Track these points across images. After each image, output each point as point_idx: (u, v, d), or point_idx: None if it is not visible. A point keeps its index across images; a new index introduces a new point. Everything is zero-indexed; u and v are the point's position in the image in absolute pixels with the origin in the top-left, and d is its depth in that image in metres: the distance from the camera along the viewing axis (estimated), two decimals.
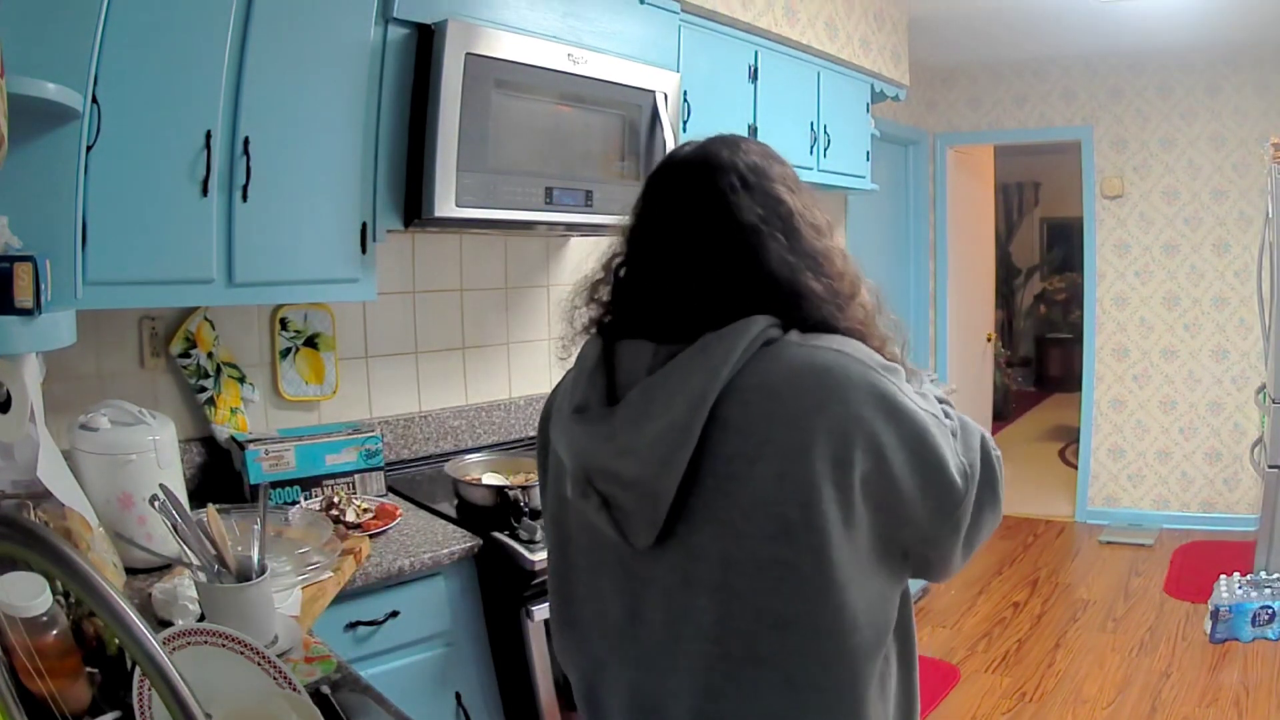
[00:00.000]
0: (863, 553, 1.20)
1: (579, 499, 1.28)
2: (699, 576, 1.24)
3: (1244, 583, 4.39)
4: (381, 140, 2.41)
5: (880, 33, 4.77)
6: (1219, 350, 5.98)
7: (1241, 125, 5.76)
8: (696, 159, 1.34)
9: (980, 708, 3.78)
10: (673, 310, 1.27)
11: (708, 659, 1.25)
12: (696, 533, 1.22)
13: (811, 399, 1.17)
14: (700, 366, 1.19)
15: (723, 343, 1.19)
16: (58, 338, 1.59)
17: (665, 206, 1.32)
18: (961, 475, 1.22)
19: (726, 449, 1.19)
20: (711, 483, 1.20)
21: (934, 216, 6.76)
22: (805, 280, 1.27)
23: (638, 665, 1.33)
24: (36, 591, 1.29)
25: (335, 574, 2.01)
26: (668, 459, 1.19)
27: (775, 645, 1.22)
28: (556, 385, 1.44)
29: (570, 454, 1.29)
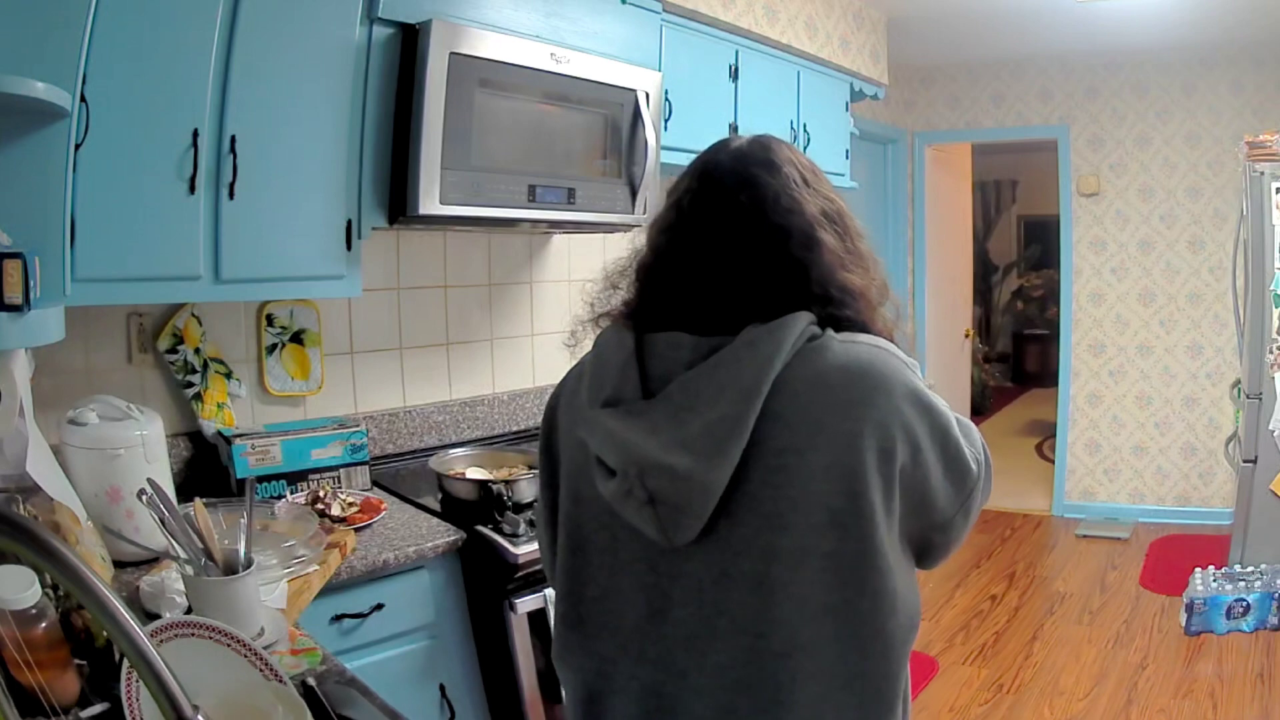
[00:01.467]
0: (897, 540, 1.24)
1: (620, 497, 1.24)
2: (740, 570, 1.23)
3: (1219, 576, 4.43)
4: (367, 138, 2.42)
5: (859, 32, 4.80)
6: (1194, 346, 6.04)
7: (1216, 124, 5.82)
8: (756, 152, 1.35)
9: (958, 699, 3.82)
10: (718, 303, 1.26)
11: (745, 653, 1.24)
12: (740, 526, 1.22)
13: (859, 392, 1.19)
14: (751, 359, 1.19)
15: (773, 336, 1.20)
16: (46, 333, 1.60)
17: (723, 197, 1.32)
18: (975, 464, 1.30)
19: (777, 442, 1.19)
20: (759, 475, 1.20)
21: (912, 214, 6.79)
22: (855, 279, 1.30)
23: (657, 664, 1.30)
24: (26, 585, 1.30)
25: (320, 567, 2.02)
26: (721, 451, 1.18)
27: (816, 634, 1.22)
28: (563, 382, 1.43)
29: (612, 449, 1.25)
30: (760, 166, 1.32)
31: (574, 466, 1.35)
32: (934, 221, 6.88)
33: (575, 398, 1.35)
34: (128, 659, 1.09)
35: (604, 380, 1.29)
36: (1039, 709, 3.72)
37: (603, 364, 1.31)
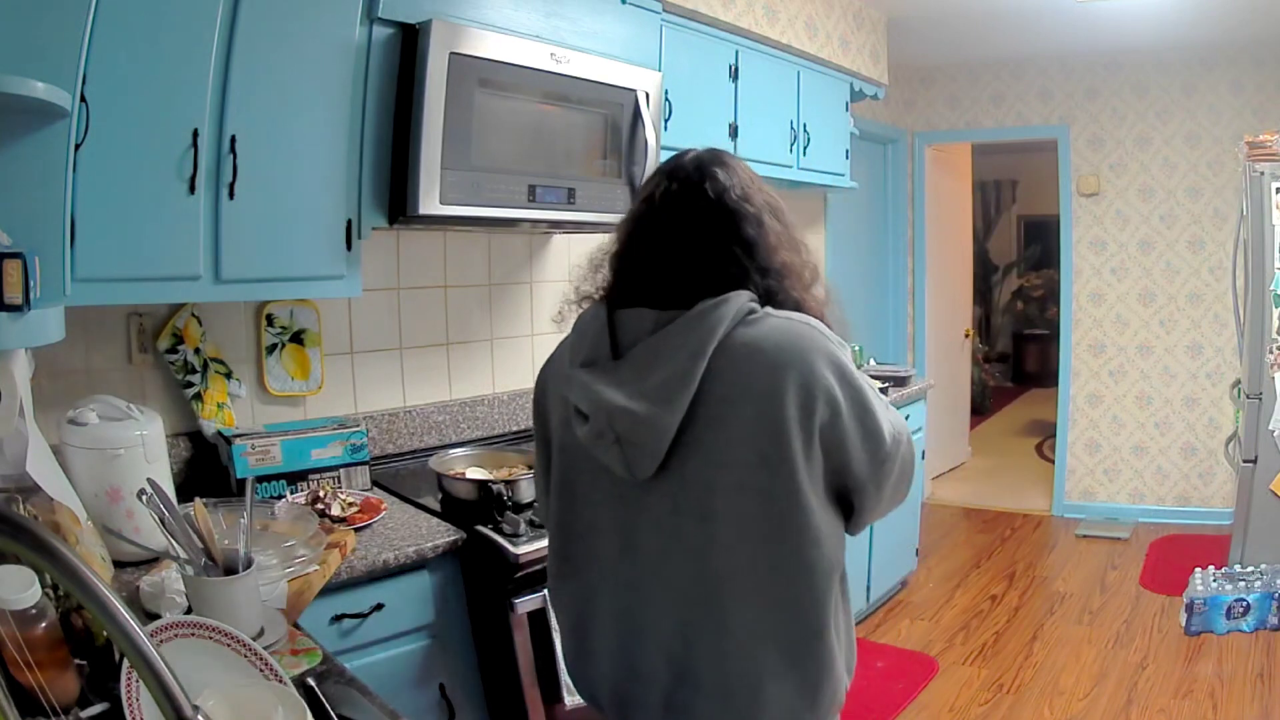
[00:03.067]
0: (821, 488, 1.49)
1: (593, 439, 1.50)
2: (688, 501, 1.50)
3: (1219, 576, 4.44)
4: (367, 138, 2.42)
5: (859, 32, 4.80)
6: (1194, 346, 6.04)
7: (1216, 124, 5.82)
8: (712, 157, 1.63)
9: (958, 699, 3.82)
10: (676, 281, 1.54)
11: (695, 576, 1.51)
12: (688, 463, 1.48)
13: (786, 356, 1.45)
14: (699, 326, 1.47)
15: (718, 309, 1.47)
16: (46, 334, 1.60)
17: (689, 188, 1.59)
18: (891, 438, 1.53)
19: (716, 394, 1.45)
20: (702, 421, 1.46)
21: (912, 214, 6.80)
22: (793, 260, 1.65)
23: (629, 588, 1.57)
24: (26, 584, 1.30)
25: (321, 567, 2.02)
26: (672, 399, 1.45)
27: (751, 559, 1.49)
28: (551, 355, 1.69)
29: (586, 399, 1.50)
30: (718, 165, 1.60)
31: (559, 420, 1.62)
32: (934, 221, 6.89)
33: (560, 364, 1.62)
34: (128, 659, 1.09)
35: (581, 347, 1.57)
36: (1039, 709, 3.72)
37: (581, 335, 1.59)
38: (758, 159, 3.99)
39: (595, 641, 1.65)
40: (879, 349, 6.36)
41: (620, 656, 1.62)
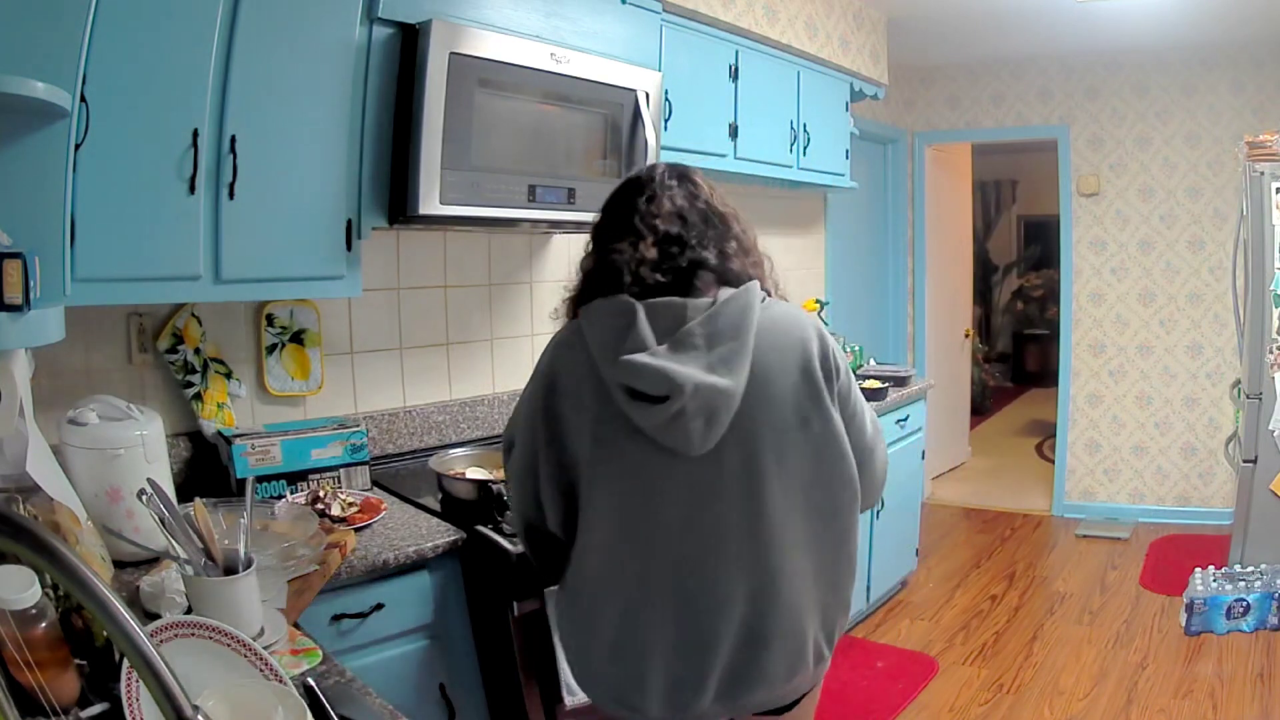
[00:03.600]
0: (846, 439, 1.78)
1: (668, 420, 1.62)
2: (741, 469, 1.70)
3: (1219, 576, 4.44)
4: (366, 138, 2.43)
5: (859, 32, 4.80)
6: (1194, 346, 6.04)
7: (1216, 124, 5.82)
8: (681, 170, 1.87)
9: (958, 699, 3.82)
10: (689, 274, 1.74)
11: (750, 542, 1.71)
12: (737, 432, 1.68)
13: (804, 335, 1.75)
14: (740, 309, 1.69)
15: (748, 294, 1.72)
16: (46, 334, 1.61)
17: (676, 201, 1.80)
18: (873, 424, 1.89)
19: (758, 367, 1.68)
20: (748, 390, 1.66)
21: (912, 214, 6.80)
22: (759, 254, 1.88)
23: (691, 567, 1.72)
24: (26, 584, 1.30)
25: (320, 567, 2.02)
26: (738, 371, 1.65)
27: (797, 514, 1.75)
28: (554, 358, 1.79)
29: (662, 380, 1.61)
30: (692, 175, 1.87)
31: (591, 417, 1.71)
32: (934, 221, 6.89)
33: (577, 364, 1.73)
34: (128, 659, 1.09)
35: (619, 336, 1.67)
36: (1039, 709, 3.72)
37: (613, 325, 1.69)
38: (758, 159, 4.00)
39: (647, 633, 1.75)
40: (879, 349, 6.36)
41: (680, 640, 1.74)
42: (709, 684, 1.76)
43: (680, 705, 1.78)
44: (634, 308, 1.68)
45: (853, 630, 4.46)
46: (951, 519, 6.40)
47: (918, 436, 4.88)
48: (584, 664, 1.85)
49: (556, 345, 1.80)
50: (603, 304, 1.73)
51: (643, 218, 1.78)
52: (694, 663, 1.75)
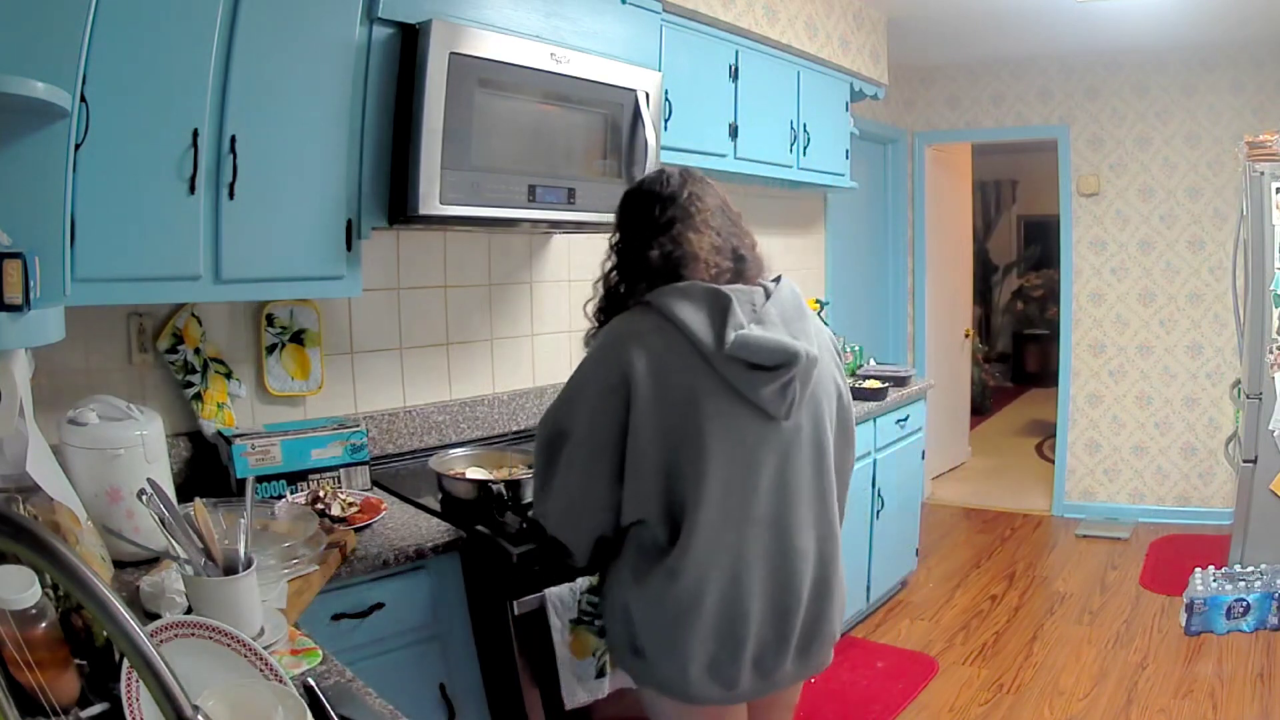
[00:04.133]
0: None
1: (780, 388, 1.82)
2: (812, 434, 1.93)
3: (1219, 576, 4.44)
4: (366, 138, 2.43)
5: (859, 32, 4.80)
6: (1194, 346, 6.05)
7: (1216, 124, 5.82)
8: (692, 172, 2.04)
9: (958, 699, 3.82)
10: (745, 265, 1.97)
11: (817, 501, 1.95)
12: (816, 394, 1.94)
13: (818, 319, 2.06)
14: (794, 292, 1.98)
15: (789, 281, 2.00)
16: (46, 334, 1.60)
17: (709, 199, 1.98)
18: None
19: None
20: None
21: (912, 214, 6.80)
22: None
23: (778, 527, 1.89)
24: (26, 584, 1.30)
25: (321, 567, 2.02)
26: (816, 345, 1.90)
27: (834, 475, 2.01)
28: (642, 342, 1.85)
29: (778, 350, 1.80)
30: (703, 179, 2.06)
31: (695, 395, 1.82)
32: (934, 221, 6.89)
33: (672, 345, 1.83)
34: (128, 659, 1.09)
35: (720, 319, 1.83)
36: (1039, 709, 3.72)
37: (704, 309, 1.84)
38: (758, 159, 4.00)
39: (747, 602, 1.87)
40: (879, 349, 6.36)
41: (770, 604, 1.90)
42: (790, 646, 1.94)
43: (766, 672, 1.94)
44: (728, 292, 1.85)
45: (853, 630, 4.47)
46: (951, 519, 6.40)
47: (918, 436, 4.88)
48: (679, 647, 1.87)
49: (638, 334, 1.85)
50: (689, 290, 1.86)
51: (699, 212, 1.94)
52: (780, 626, 1.92)
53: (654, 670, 1.92)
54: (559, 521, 1.97)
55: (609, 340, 1.89)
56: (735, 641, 1.88)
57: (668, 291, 1.87)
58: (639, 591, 1.91)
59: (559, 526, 1.97)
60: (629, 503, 1.88)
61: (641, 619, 1.91)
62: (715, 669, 1.89)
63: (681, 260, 1.91)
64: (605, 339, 1.91)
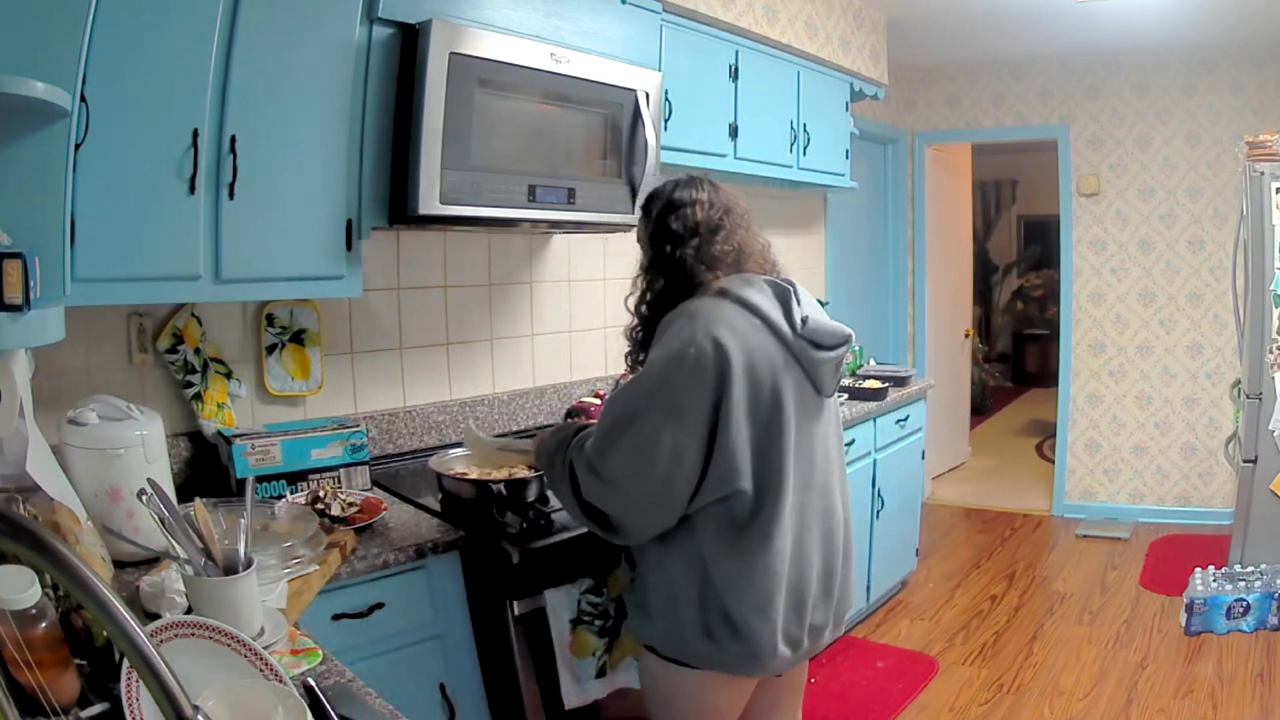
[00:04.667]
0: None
1: (835, 365, 2.05)
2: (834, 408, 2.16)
3: (1219, 576, 4.44)
4: (366, 139, 2.42)
5: (859, 32, 4.80)
6: (1194, 346, 6.05)
7: (1216, 124, 5.82)
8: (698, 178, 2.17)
9: (958, 699, 3.82)
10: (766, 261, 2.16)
11: (841, 468, 2.15)
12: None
13: None
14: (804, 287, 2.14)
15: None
16: (46, 334, 1.60)
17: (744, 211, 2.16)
18: None
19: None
20: None
21: (912, 214, 6.80)
22: None
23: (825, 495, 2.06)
24: (26, 584, 1.30)
25: (321, 567, 2.02)
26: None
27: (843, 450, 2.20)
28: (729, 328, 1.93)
29: (835, 332, 2.03)
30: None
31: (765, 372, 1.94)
32: (934, 221, 6.89)
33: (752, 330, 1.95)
34: (128, 659, 1.09)
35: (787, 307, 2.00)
36: (1039, 709, 3.72)
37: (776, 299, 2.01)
38: (758, 159, 4.01)
39: (806, 567, 2.01)
40: (879, 349, 6.36)
41: (821, 565, 2.06)
42: (832, 606, 2.11)
43: (816, 634, 2.08)
44: (791, 283, 2.06)
45: (853, 630, 4.47)
46: (951, 519, 6.40)
47: (918, 436, 4.88)
48: (766, 612, 1.95)
49: (721, 317, 1.94)
50: (755, 281, 2.03)
51: (738, 214, 2.12)
52: (827, 586, 2.08)
53: (729, 648, 1.96)
54: (619, 502, 1.99)
55: (695, 324, 1.93)
56: (801, 604, 2.01)
57: (736, 282, 2.02)
58: (731, 561, 1.94)
59: (618, 506, 1.99)
60: (719, 477, 1.91)
61: (734, 592, 1.94)
62: (787, 632, 2.00)
63: (742, 255, 2.09)
64: (690, 324, 1.94)
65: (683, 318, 1.98)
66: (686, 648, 2.01)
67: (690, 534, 1.98)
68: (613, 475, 1.95)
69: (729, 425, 1.89)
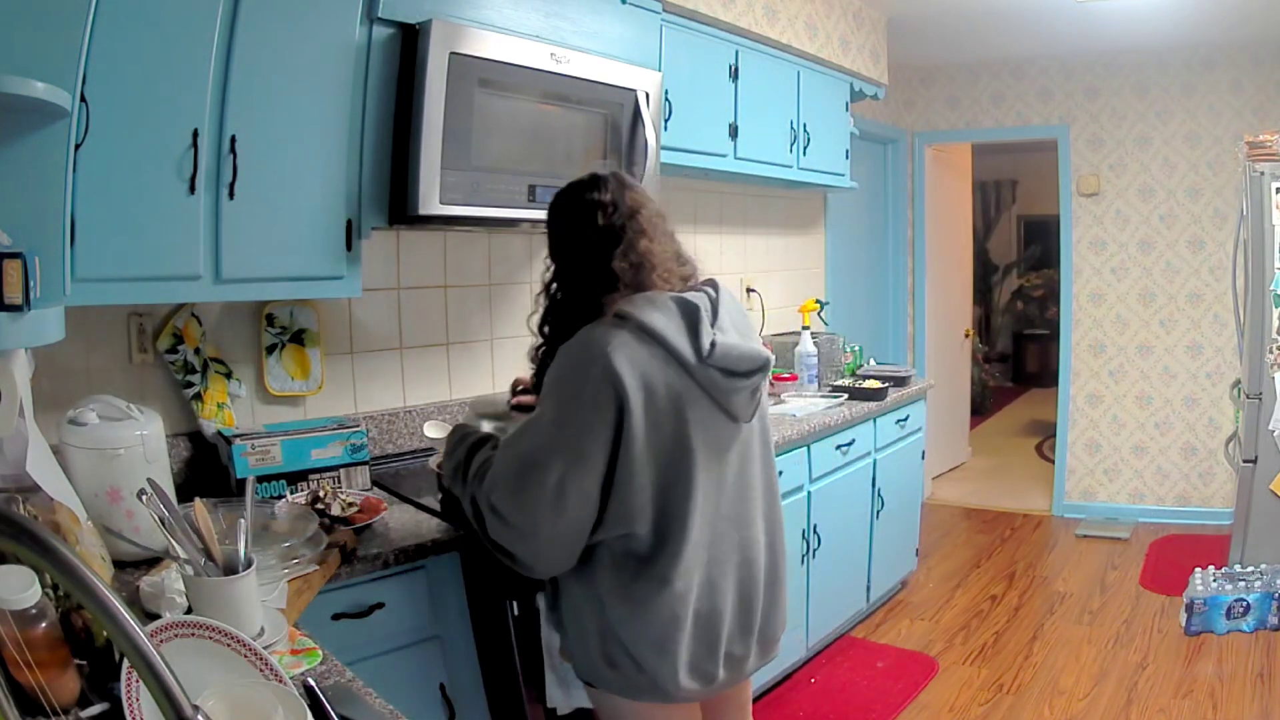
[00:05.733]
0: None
1: (749, 392, 1.92)
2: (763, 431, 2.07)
3: (1219, 576, 4.43)
4: (367, 138, 2.43)
5: (859, 32, 4.80)
6: (1194, 346, 6.04)
7: (1216, 124, 5.82)
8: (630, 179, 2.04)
9: (958, 699, 3.82)
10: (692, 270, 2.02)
11: (769, 494, 2.06)
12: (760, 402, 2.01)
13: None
14: (733, 296, 2.03)
15: (724, 286, 2.02)
16: (46, 334, 1.60)
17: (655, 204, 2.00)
18: None
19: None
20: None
21: (912, 214, 6.80)
22: None
23: (739, 522, 1.97)
24: (26, 584, 1.30)
25: (321, 567, 2.02)
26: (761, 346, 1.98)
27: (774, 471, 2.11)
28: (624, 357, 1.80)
29: (747, 356, 1.88)
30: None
31: (666, 406, 1.83)
32: (934, 221, 6.89)
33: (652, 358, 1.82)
34: (128, 659, 1.09)
35: (692, 328, 1.85)
36: (1039, 709, 3.72)
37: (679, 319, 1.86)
38: (758, 159, 4.01)
39: (721, 598, 1.94)
40: (879, 349, 6.36)
41: (738, 597, 1.98)
42: (754, 637, 2.03)
43: (735, 664, 2.01)
44: (697, 302, 1.88)
45: (853, 630, 4.46)
46: (951, 519, 6.40)
47: (918, 436, 4.88)
48: (670, 652, 1.88)
49: (619, 346, 1.80)
50: (659, 300, 1.87)
51: (646, 218, 1.94)
52: (745, 618, 2.00)
53: (633, 678, 1.92)
54: (524, 544, 1.89)
55: (589, 355, 1.82)
56: (713, 638, 1.94)
57: (638, 303, 1.85)
58: (624, 605, 1.89)
59: (523, 548, 1.90)
60: (616, 517, 1.84)
61: (629, 631, 1.89)
62: (696, 666, 1.92)
63: (645, 271, 1.91)
64: (584, 353, 1.83)
65: (578, 349, 1.85)
66: (596, 673, 1.98)
67: (590, 571, 1.93)
68: (518, 522, 1.85)
69: (627, 465, 1.81)
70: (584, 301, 1.94)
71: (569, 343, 1.88)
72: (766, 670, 3.62)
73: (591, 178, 1.99)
